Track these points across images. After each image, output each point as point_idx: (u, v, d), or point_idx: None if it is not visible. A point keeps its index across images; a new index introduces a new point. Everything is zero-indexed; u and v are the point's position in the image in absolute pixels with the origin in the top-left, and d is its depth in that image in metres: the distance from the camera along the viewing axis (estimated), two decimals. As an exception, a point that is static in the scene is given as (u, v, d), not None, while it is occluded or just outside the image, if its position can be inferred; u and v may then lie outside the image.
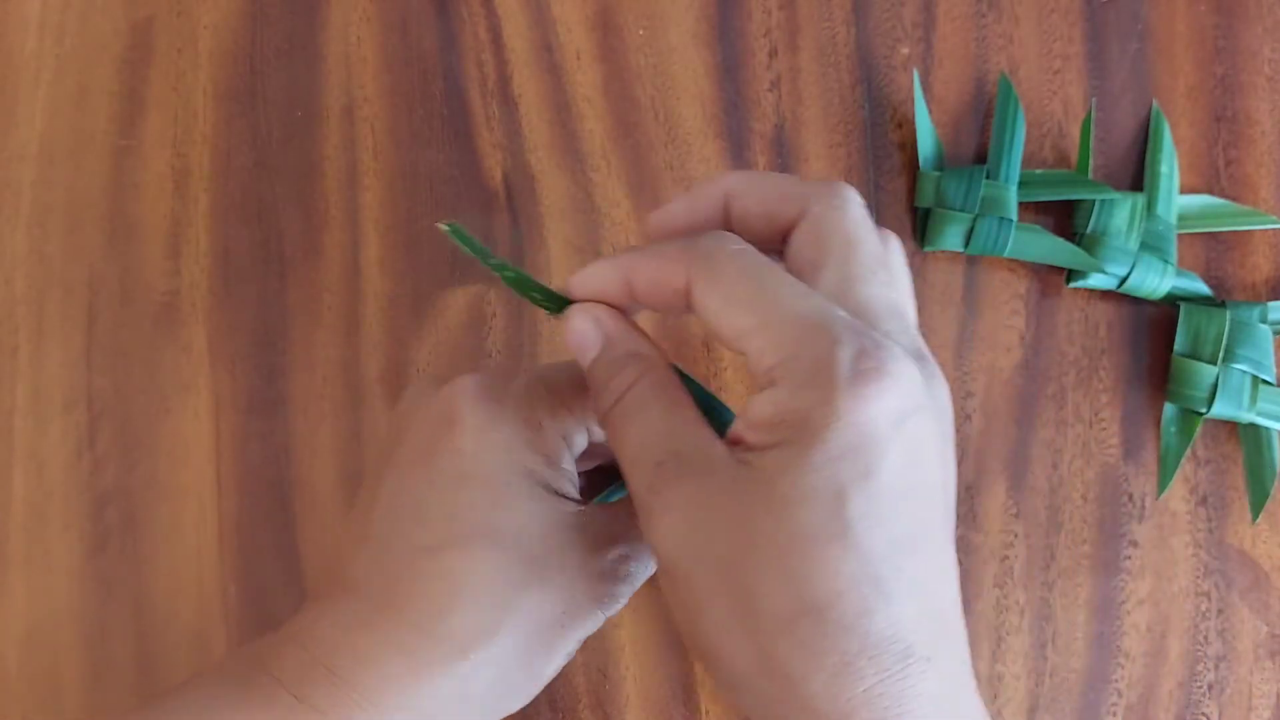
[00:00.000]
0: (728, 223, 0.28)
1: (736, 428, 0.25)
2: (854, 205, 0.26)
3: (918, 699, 0.23)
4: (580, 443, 0.30)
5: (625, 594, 0.30)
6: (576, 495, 0.30)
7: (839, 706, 0.23)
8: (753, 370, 0.24)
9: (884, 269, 0.26)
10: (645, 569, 0.30)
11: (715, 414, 0.28)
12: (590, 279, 0.28)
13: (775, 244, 0.27)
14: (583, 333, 0.28)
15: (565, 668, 0.38)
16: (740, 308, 0.24)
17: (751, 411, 0.24)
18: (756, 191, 0.27)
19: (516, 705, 0.29)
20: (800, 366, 0.23)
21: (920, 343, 0.26)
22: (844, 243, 0.25)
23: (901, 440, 0.23)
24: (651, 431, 0.26)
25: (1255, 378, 0.40)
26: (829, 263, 0.25)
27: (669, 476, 0.25)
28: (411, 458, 0.29)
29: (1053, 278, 0.41)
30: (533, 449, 0.28)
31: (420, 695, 0.27)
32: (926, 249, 0.41)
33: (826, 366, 0.23)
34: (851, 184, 0.41)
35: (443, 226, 0.28)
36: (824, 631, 0.23)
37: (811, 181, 0.27)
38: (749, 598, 0.23)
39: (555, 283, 0.39)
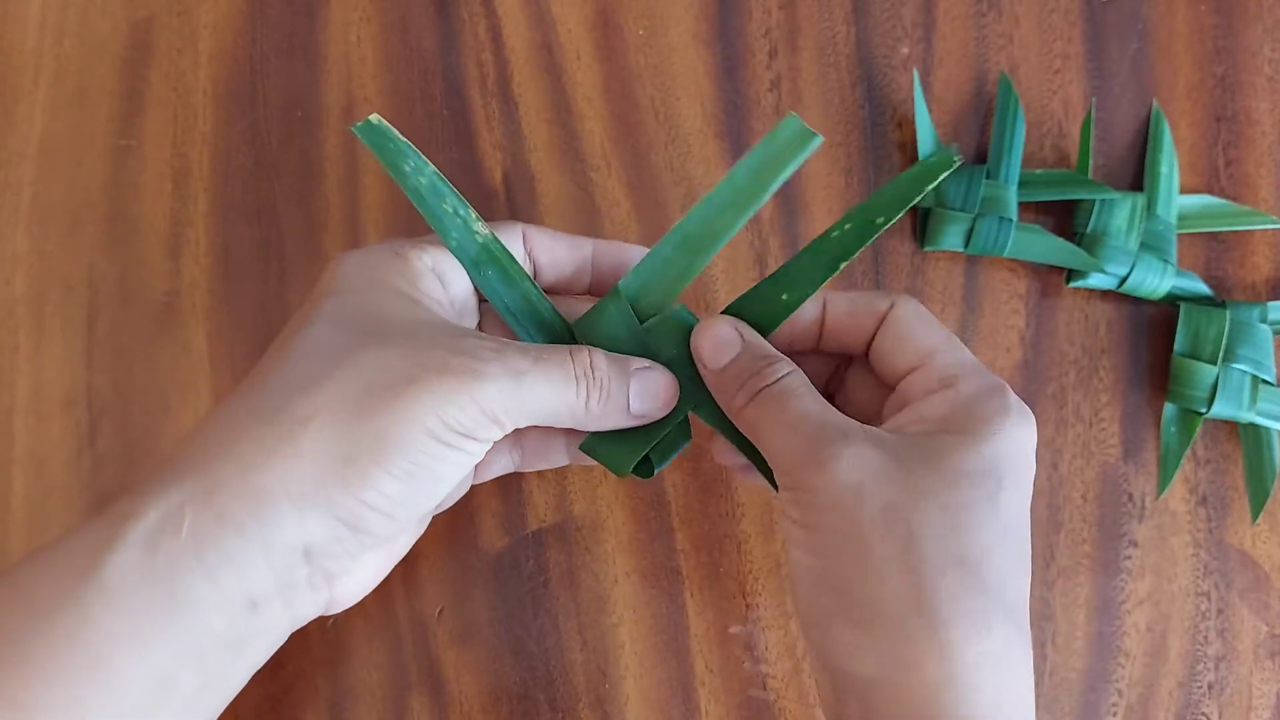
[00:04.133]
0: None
1: (900, 419, 0.31)
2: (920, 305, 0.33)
3: (1025, 675, 0.28)
4: (458, 283, 0.32)
5: (495, 376, 0.28)
6: (446, 314, 0.31)
7: (970, 657, 0.27)
8: (930, 378, 0.31)
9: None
10: (525, 365, 0.29)
11: None
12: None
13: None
14: (726, 336, 0.32)
15: (565, 667, 0.38)
16: (932, 330, 0.32)
17: (928, 406, 0.30)
18: (852, 292, 0.34)
19: (371, 492, 0.27)
20: (979, 383, 0.30)
21: None
22: (939, 327, 0.32)
23: (1032, 467, 0.30)
24: (811, 409, 0.30)
25: (1255, 377, 0.40)
26: (936, 339, 0.32)
27: (836, 438, 0.29)
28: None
29: (1053, 278, 0.41)
30: (394, 269, 0.31)
31: (239, 444, 0.27)
32: (926, 249, 0.41)
33: (1001, 391, 0.30)
34: (851, 184, 0.42)
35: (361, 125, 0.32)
36: (972, 583, 0.27)
37: (886, 291, 0.34)
38: (914, 540, 0.27)
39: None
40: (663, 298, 0.33)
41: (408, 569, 0.39)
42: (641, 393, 0.32)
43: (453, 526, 0.39)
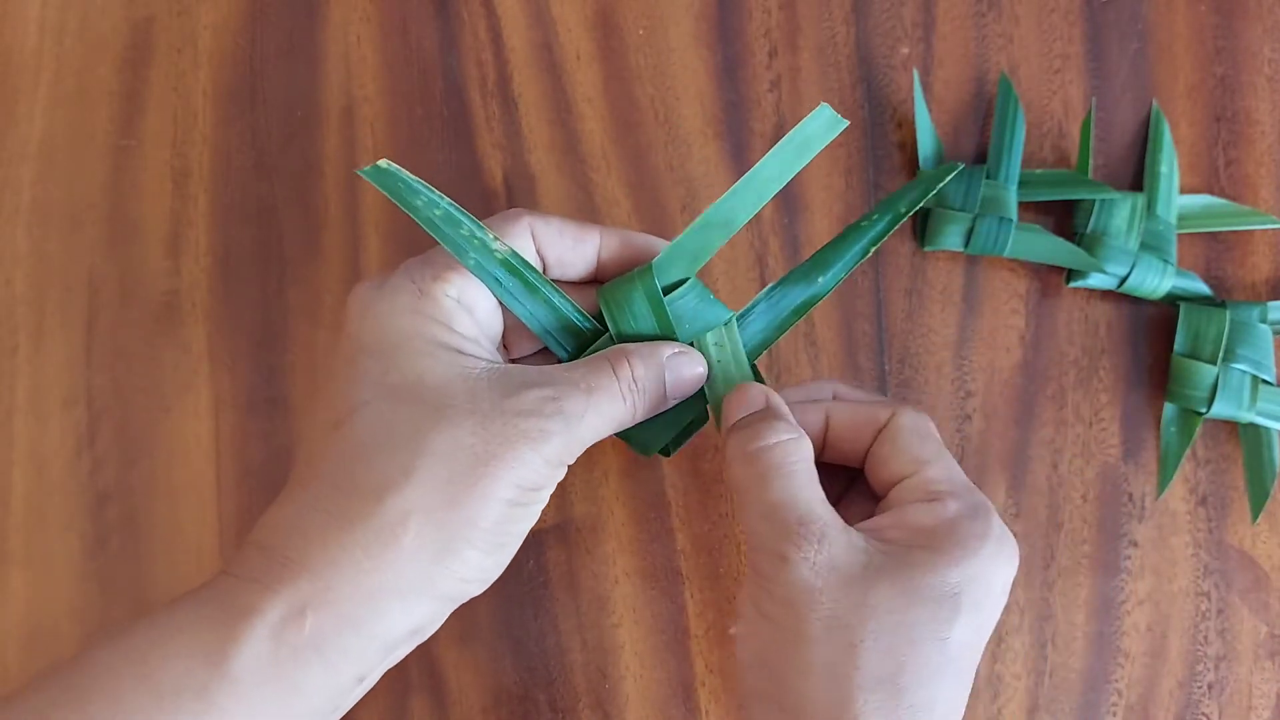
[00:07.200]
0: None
1: (882, 522, 0.31)
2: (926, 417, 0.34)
3: None
4: (483, 305, 0.32)
5: (558, 431, 0.29)
6: (485, 353, 0.31)
7: None
8: (918, 488, 0.31)
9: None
10: (581, 406, 0.30)
11: None
12: (795, 411, 0.33)
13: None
14: (752, 397, 0.32)
15: (565, 667, 0.38)
16: (928, 442, 0.32)
17: (910, 515, 0.30)
18: (855, 395, 0.35)
19: (469, 570, 0.29)
20: (965, 502, 0.30)
21: None
22: (935, 440, 0.33)
23: (1000, 601, 0.30)
24: (795, 495, 0.30)
25: (1255, 378, 0.40)
26: (930, 452, 0.32)
27: (812, 536, 0.29)
28: (327, 358, 0.32)
29: (1053, 278, 0.41)
30: (421, 314, 0.30)
31: (345, 548, 0.28)
32: (926, 249, 0.41)
33: (985, 515, 0.30)
34: (851, 185, 0.42)
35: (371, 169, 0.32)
36: (896, 705, 0.28)
37: (892, 400, 0.36)
38: (851, 654, 0.28)
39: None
40: (682, 273, 0.34)
41: (408, 569, 0.39)
42: (677, 381, 0.33)
43: (453, 526, 0.39)
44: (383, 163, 0.32)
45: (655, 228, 0.41)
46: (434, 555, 0.28)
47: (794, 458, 0.31)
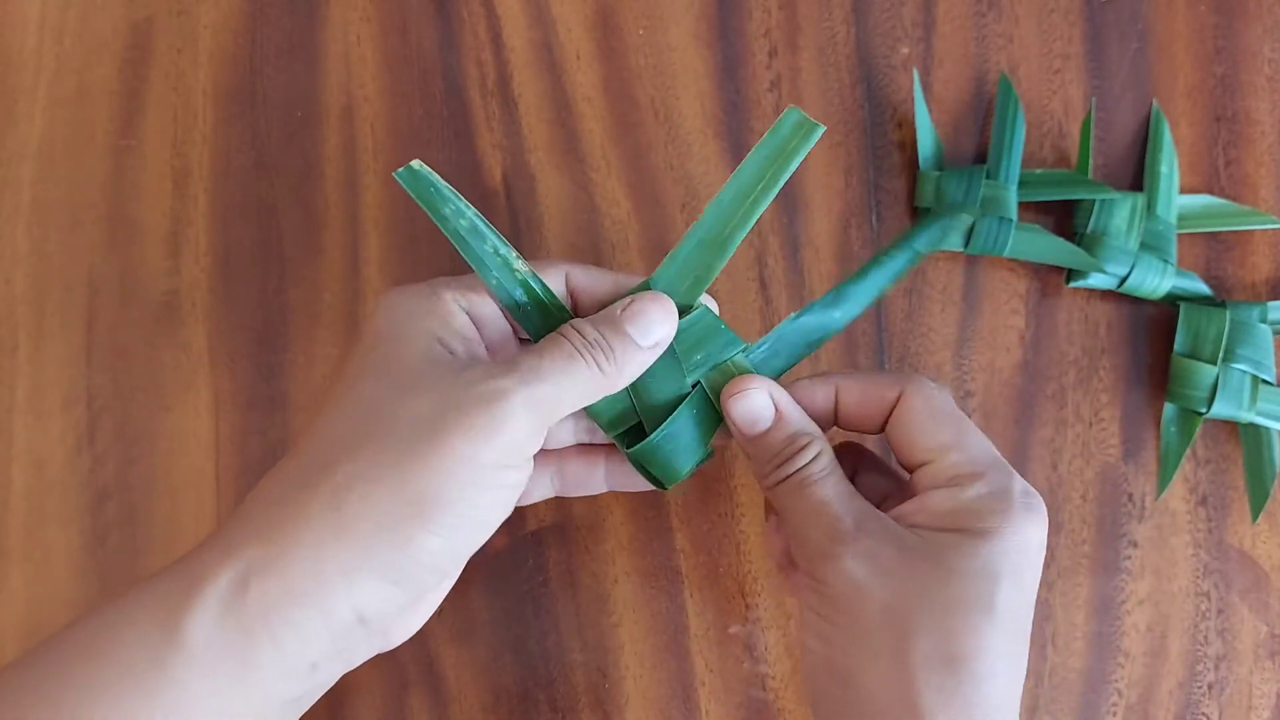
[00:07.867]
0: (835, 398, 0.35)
1: (907, 509, 0.32)
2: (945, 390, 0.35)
3: None
4: (492, 324, 0.33)
5: (516, 385, 0.29)
6: (464, 350, 0.32)
7: None
8: (940, 474, 0.32)
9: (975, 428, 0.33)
10: (533, 364, 0.30)
11: None
12: (804, 389, 0.34)
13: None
14: (760, 405, 0.33)
15: (565, 667, 0.38)
16: (944, 424, 0.32)
17: (933, 501, 0.31)
18: (863, 377, 0.35)
19: (418, 550, 0.28)
20: (987, 480, 0.31)
21: None
22: (954, 413, 0.33)
23: (1038, 562, 0.31)
24: (835, 497, 0.32)
25: (1255, 377, 0.40)
26: (948, 433, 0.32)
27: (849, 532, 0.31)
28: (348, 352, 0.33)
29: (1053, 278, 0.41)
30: (427, 310, 0.31)
31: (297, 517, 0.28)
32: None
33: (1007, 489, 0.31)
34: (851, 184, 0.42)
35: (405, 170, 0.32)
36: (959, 680, 0.29)
37: (903, 373, 0.35)
38: (908, 638, 0.29)
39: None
40: (686, 299, 0.33)
41: (407, 569, 0.39)
42: (643, 327, 0.32)
43: (452, 526, 0.39)
44: (415, 164, 0.32)
45: (654, 227, 0.41)
46: (378, 528, 0.27)
47: (822, 466, 0.32)
